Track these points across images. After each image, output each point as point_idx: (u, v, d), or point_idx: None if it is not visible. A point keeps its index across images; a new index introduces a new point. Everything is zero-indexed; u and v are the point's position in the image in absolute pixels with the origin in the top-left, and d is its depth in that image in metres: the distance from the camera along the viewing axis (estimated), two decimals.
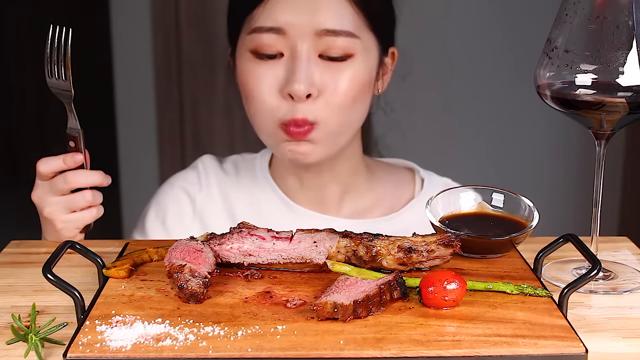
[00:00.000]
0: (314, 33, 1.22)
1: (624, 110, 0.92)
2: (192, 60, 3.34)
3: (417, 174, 1.46)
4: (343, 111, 1.25)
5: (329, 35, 1.22)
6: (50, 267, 0.86)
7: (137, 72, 3.34)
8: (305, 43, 1.22)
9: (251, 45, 1.25)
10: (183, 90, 3.30)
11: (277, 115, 1.24)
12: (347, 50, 1.23)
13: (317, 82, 1.22)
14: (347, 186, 1.40)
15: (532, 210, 1.03)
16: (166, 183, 1.47)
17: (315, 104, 1.23)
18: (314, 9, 1.22)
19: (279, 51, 1.23)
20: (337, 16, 1.23)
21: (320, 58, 1.23)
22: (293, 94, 1.21)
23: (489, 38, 3.04)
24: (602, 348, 0.82)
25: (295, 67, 1.22)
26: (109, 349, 0.77)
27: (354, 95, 1.25)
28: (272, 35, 1.23)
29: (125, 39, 3.38)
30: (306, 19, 1.22)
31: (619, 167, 3.11)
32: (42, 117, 4.64)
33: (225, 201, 1.41)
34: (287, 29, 1.22)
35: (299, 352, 0.77)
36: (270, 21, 1.23)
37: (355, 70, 1.25)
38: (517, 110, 3.12)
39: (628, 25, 0.90)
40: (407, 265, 0.94)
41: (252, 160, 1.45)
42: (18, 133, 4.73)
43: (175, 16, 3.32)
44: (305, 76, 1.21)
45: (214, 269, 0.93)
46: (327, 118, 1.24)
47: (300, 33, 1.22)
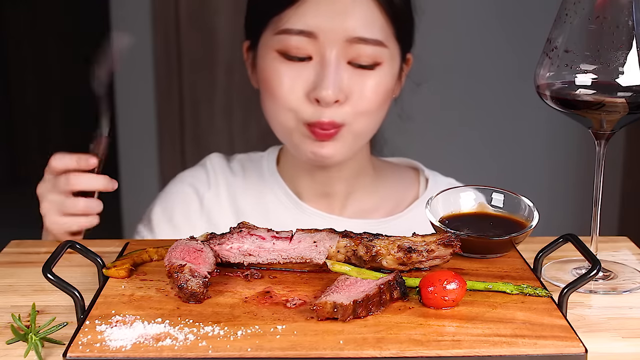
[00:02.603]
0: (345, 40, 1.22)
1: (624, 110, 0.92)
2: (192, 60, 3.34)
3: (421, 174, 1.46)
4: (367, 117, 1.27)
5: (360, 43, 1.22)
6: (50, 267, 0.86)
7: (137, 72, 3.34)
8: (335, 49, 1.22)
9: (279, 45, 1.24)
10: (183, 90, 3.30)
11: (301, 115, 1.25)
12: (376, 59, 1.24)
13: (344, 89, 1.23)
14: (354, 185, 1.40)
15: (532, 210, 1.03)
16: (175, 179, 1.46)
17: (341, 109, 1.23)
18: (346, 15, 1.22)
19: (308, 54, 1.23)
20: (368, 24, 1.23)
21: (348, 64, 1.24)
22: (321, 99, 1.22)
23: (488, 37, 3.04)
24: (602, 348, 0.82)
25: (325, 73, 1.22)
26: (109, 349, 0.77)
27: (379, 102, 1.27)
28: (302, 39, 1.23)
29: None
30: (338, 25, 1.22)
31: (619, 167, 3.11)
32: (42, 117, 4.64)
33: (233, 200, 1.41)
34: (318, 33, 1.22)
35: (299, 352, 0.77)
36: (301, 24, 1.22)
37: (382, 78, 1.26)
38: (517, 110, 3.11)
39: (628, 25, 0.90)
40: (407, 265, 0.94)
41: (259, 159, 1.45)
42: (18, 133, 4.73)
43: (175, 16, 3.32)
44: (334, 82, 1.21)
45: (214, 269, 0.93)
46: (352, 122, 1.25)
47: (331, 39, 1.22)
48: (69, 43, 4.54)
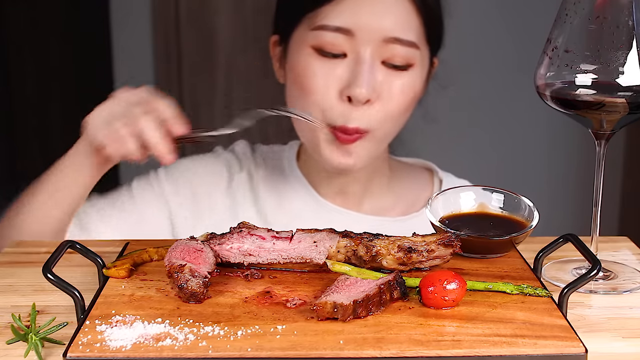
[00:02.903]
0: (381, 39, 1.22)
1: (624, 110, 0.92)
2: (192, 60, 3.34)
3: (435, 175, 1.46)
4: (394, 119, 1.27)
5: (395, 43, 1.23)
6: (50, 266, 0.86)
7: (137, 72, 3.33)
8: (370, 47, 1.22)
9: (314, 41, 1.24)
10: (183, 90, 3.30)
11: (330, 115, 1.24)
12: (409, 60, 1.25)
13: (377, 88, 1.23)
14: (371, 184, 1.40)
15: (532, 210, 1.03)
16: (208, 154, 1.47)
17: (370, 110, 1.24)
18: (383, 15, 1.23)
19: (343, 52, 1.24)
20: (405, 25, 1.23)
21: (382, 64, 1.24)
22: (354, 97, 1.22)
23: (489, 37, 3.04)
24: (602, 348, 0.82)
25: (359, 71, 1.22)
26: (109, 349, 0.77)
27: (407, 104, 1.27)
28: (339, 36, 1.23)
29: (126, 38, 3.38)
30: (376, 24, 1.22)
31: (619, 167, 3.11)
32: (42, 117, 4.64)
33: (254, 188, 1.41)
34: (355, 31, 1.22)
35: (299, 352, 0.77)
36: (339, 21, 1.23)
37: (412, 80, 1.26)
38: (517, 110, 3.11)
39: (628, 25, 0.90)
40: (407, 265, 0.94)
41: (280, 152, 1.45)
42: (18, 131, 4.73)
43: (175, 16, 3.32)
44: (368, 81, 1.22)
45: (214, 269, 0.93)
46: (378, 126, 1.25)
47: (367, 37, 1.22)
48: (69, 41, 4.54)
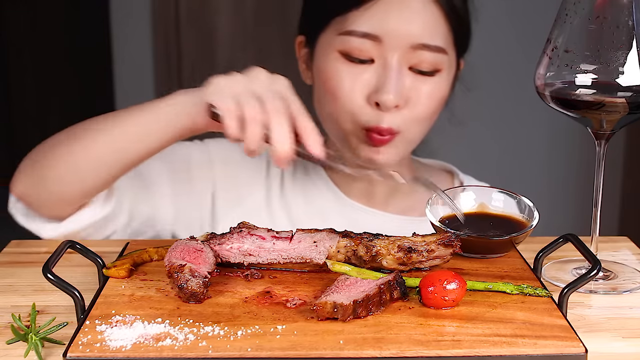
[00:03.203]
0: (409, 45, 1.22)
1: (624, 110, 0.92)
2: (192, 60, 3.34)
3: (456, 177, 1.46)
4: (422, 123, 1.27)
5: (423, 49, 1.23)
6: (50, 266, 0.86)
7: (137, 72, 3.34)
8: (397, 53, 1.22)
9: (341, 46, 1.24)
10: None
11: (359, 119, 1.24)
12: (437, 66, 1.24)
13: (405, 94, 1.23)
14: (395, 185, 1.39)
15: (532, 210, 1.03)
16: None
17: (398, 114, 1.24)
18: (411, 21, 1.22)
19: (370, 57, 1.23)
20: (433, 31, 1.23)
21: (409, 70, 1.24)
22: (382, 103, 1.21)
23: (489, 36, 3.03)
24: (602, 348, 0.82)
25: (387, 77, 1.22)
26: (109, 349, 0.77)
27: (436, 107, 1.27)
28: (367, 41, 1.22)
29: (126, 38, 3.38)
30: (404, 31, 1.22)
31: (619, 167, 3.11)
32: (42, 117, 4.64)
33: (283, 185, 1.40)
34: (383, 37, 1.22)
35: (299, 352, 0.77)
36: (367, 27, 1.22)
37: (440, 85, 1.26)
38: (517, 110, 3.12)
39: (628, 25, 0.90)
40: (407, 265, 0.94)
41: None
42: (18, 133, 4.73)
43: (175, 16, 3.32)
44: (396, 87, 1.21)
45: (214, 269, 0.93)
46: (408, 128, 1.25)
47: (395, 43, 1.22)
48: (69, 42, 4.54)
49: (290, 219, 1.36)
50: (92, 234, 1.21)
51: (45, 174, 1.14)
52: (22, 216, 1.20)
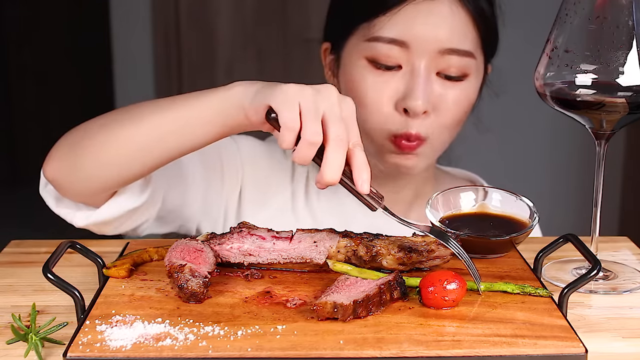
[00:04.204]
0: (437, 51, 1.21)
1: (624, 110, 0.92)
2: (192, 60, 3.34)
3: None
4: (450, 129, 1.26)
5: (451, 54, 1.22)
6: (50, 266, 0.86)
7: (137, 72, 3.34)
8: (425, 59, 1.21)
9: (369, 53, 1.23)
10: (183, 90, 3.30)
11: (387, 126, 1.23)
12: (465, 71, 1.23)
13: (433, 100, 1.22)
14: (418, 192, 1.38)
15: (532, 210, 1.03)
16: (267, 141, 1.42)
17: (426, 120, 1.23)
18: (439, 26, 1.21)
19: (398, 63, 1.22)
20: (461, 35, 1.22)
21: (437, 75, 1.23)
22: (410, 110, 1.21)
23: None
24: (602, 348, 0.82)
25: (415, 83, 1.21)
26: (109, 349, 0.77)
27: (464, 112, 1.26)
28: (394, 47, 1.21)
29: (126, 38, 3.38)
30: (432, 36, 1.21)
31: (619, 167, 3.11)
32: (42, 117, 4.64)
33: (307, 188, 1.39)
34: (410, 43, 1.21)
35: (299, 352, 0.77)
36: (394, 33, 1.21)
37: (468, 90, 1.25)
38: (517, 110, 3.11)
39: (628, 25, 0.90)
40: (407, 265, 0.94)
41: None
42: (18, 133, 4.73)
43: (175, 16, 3.32)
44: (424, 93, 1.20)
45: (214, 269, 0.93)
46: (436, 135, 1.24)
47: (423, 49, 1.21)
48: (69, 41, 4.54)
49: (315, 221, 1.35)
50: (124, 223, 1.15)
51: (83, 158, 1.07)
52: (53, 199, 1.14)
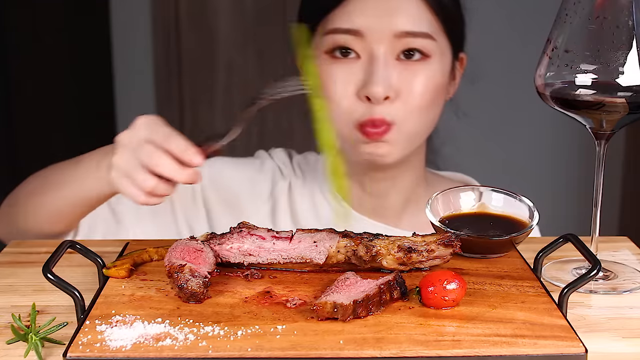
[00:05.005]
0: (393, 35, 1.22)
1: (624, 110, 0.92)
2: (192, 60, 3.34)
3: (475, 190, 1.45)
4: (419, 113, 1.26)
5: (408, 37, 1.22)
6: (50, 266, 0.86)
7: (137, 72, 3.33)
8: (382, 45, 1.22)
9: (328, 46, 1.25)
10: (183, 90, 3.30)
11: (353, 116, 1.24)
12: (424, 51, 1.24)
13: (394, 85, 1.22)
14: (409, 197, 1.38)
15: (532, 210, 1.03)
16: (255, 157, 1.45)
17: (392, 106, 1.23)
18: (392, 12, 1.22)
19: (356, 53, 1.24)
20: (415, 19, 1.23)
21: (397, 60, 1.24)
22: (371, 96, 1.21)
23: (489, 35, 3.04)
24: (602, 348, 0.82)
25: (373, 70, 1.22)
26: (109, 349, 0.77)
27: (430, 97, 1.26)
28: (349, 37, 1.23)
29: (125, 39, 3.38)
30: (385, 22, 1.22)
31: (619, 167, 3.11)
32: (42, 117, 4.64)
33: (291, 200, 1.39)
34: (364, 31, 1.22)
35: (299, 352, 0.77)
36: (348, 23, 1.23)
37: (432, 72, 1.25)
38: (517, 110, 3.11)
39: (628, 25, 0.90)
40: (407, 265, 0.94)
41: (315, 162, 1.43)
42: (18, 133, 4.73)
43: (175, 16, 3.32)
44: (383, 79, 1.21)
45: (214, 269, 0.93)
46: (404, 120, 1.24)
47: (378, 36, 1.22)
48: (69, 41, 4.54)
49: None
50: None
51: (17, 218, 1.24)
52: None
